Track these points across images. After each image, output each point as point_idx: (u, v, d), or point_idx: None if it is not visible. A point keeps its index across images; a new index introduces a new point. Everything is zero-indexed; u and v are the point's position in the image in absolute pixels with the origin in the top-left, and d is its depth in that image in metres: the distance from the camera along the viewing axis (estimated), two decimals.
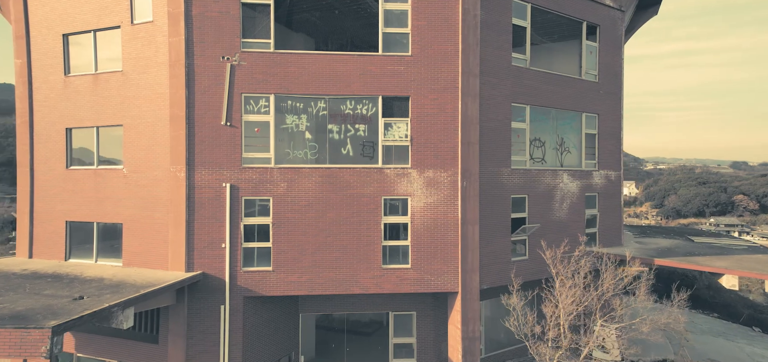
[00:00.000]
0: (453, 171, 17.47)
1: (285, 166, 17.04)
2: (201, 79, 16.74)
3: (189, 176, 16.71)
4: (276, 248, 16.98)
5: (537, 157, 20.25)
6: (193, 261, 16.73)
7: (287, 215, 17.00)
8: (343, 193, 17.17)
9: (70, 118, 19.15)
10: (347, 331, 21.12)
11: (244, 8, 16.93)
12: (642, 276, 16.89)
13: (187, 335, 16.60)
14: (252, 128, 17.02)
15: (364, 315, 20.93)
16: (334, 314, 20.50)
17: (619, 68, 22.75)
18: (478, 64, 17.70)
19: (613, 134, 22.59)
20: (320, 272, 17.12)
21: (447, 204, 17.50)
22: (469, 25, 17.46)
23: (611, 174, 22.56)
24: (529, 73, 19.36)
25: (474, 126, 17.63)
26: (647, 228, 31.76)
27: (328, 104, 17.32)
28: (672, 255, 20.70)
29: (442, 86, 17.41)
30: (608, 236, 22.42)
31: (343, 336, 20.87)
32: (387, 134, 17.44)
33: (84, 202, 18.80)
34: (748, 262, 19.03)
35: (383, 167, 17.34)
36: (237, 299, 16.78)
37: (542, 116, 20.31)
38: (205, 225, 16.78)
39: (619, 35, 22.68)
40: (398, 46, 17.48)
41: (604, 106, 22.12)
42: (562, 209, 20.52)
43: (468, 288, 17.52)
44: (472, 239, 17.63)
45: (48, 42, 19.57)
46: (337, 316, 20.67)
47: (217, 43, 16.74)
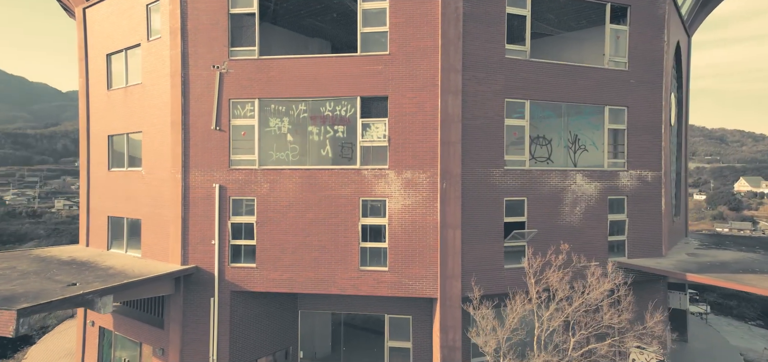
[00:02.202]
0: (432, 172, 16.90)
1: (268, 167, 17.82)
2: (195, 87, 18.17)
3: (184, 177, 18.23)
4: (260, 246, 17.83)
5: (541, 156, 18.73)
6: (187, 255, 18.22)
7: (270, 214, 17.77)
8: (321, 194, 17.49)
9: (110, 126, 21.88)
10: (362, 329, 21.38)
11: (232, 18, 18.02)
12: (620, 290, 14.85)
13: (183, 323, 18.13)
14: (239, 132, 18.06)
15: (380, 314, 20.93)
16: (342, 313, 20.88)
17: (658, 54, 20.08)
18: (460, 59, 16.90)
19: (650, 129, 20.02)
20: (300, 271, 17.63)
21: (426, 206, 16.98)
22: (450, 19, 16.75)
23: (647, 175, 20.01)
24: (528, 66, 17.99)
25: (455, 125, 16.87)
26: (729, 238, 27.47)
27: (308, 107, 17.77)
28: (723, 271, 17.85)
29: (420, 84, 16.93)
30: (643, 246, 19.93)
31: (358, 333, 21.16)
32: (365, 134, 17.41)
33: (118, 200, 21.37)
34: None
35: (361, 168, 17.34)
36: (225, 293, 17.94)
37: (549, 111, 18.72)
38: (198, 223, 18.17)
39: (659, 15, 20.03)
40: (377, 46, 17.35)
41: (636, 97, 19.71)
42: (574, 214, 18.72)
43: (448, 295, 16.83)
44: (453, 244, 16.89)
45: (97, 62, 22.53)
46: (351, 315, 20.91)
47: (208, 53, 18.04)
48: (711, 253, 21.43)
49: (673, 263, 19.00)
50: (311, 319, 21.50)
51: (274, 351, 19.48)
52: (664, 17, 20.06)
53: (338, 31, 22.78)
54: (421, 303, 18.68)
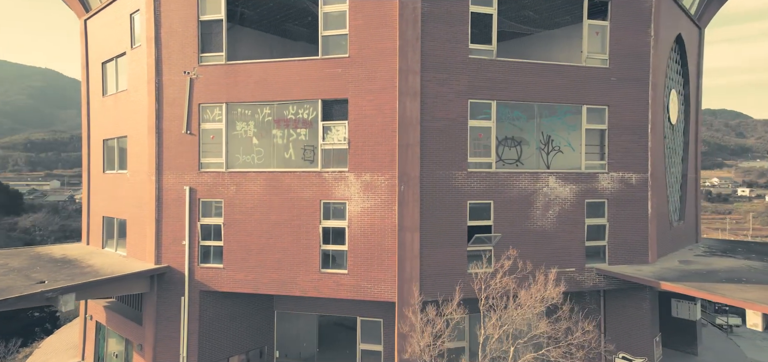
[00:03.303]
0: (391, 175, 16.99)
1: (234, 170, 18.44)
2: (168, 92, 19.03)
3: (158, 179, 19.13)
4: (226, 248, 18.48)
5: (509, 158, 18.41)
6: (161, 255, 19.11)
7: (236, 216, 18.38)
8: (284, 196, 17.93)
9: (105, 131, 23.20)
10: (352, 330, 21.71)
11: (202, 25, 18.74)
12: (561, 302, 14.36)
13: (156, 320, 19.04)
14: (208, 136, 18.77)
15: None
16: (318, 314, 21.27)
17: (644, 49, 19.29)
18: (419, 60, 16.89)
19: (634, 129, 19.26)
20: (264, 272, 18.13)
21: (384, 209, 17.08)
22: (408, 20, 16.78)
23: (630, 177, 19.25)
24: (494, 66, 17.73)
25: (414, 127, 16.88)
26: (745, 245, 25.88)
27: (273, 110, 18.24)
28: (706, 280, 17.01)
29: (379, 86, 17.05)
30: (626, 252, 19.20)
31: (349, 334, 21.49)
32: (326, 137, 17.70)
33: (110, 200, 22.65)
34: None
35: (322, 171, 17.66)
36: (194, 292, 18.69)
37: (518, 112, 18.38)
38: (171, 224, 19.02)
39: (645, 8, 19.23)
40: (339, 48, 17.61)
41: (618, 95, 19.02)
42: (546, 218, 18.29)
43: (406, 299, 16.87)
44: (411, 247, 16.91)
45: (95, 70, 23.96)
46: (340, 316, 21.14)
47: (180, 59, 18.85)
48: (708, 261, 20.34)
49: (654, 270, 18.21)
50: (297, 320, 22.02)
51: (247, 350, 20.09)
52: (650, 11, 19.24)
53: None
54: (392, 306, 18.75)
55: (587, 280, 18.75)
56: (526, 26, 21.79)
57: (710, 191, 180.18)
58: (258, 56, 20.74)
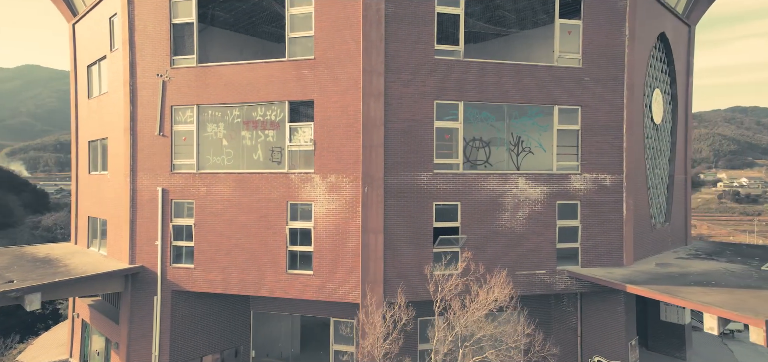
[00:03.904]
0: (355, 176, 17.11)
1: (205, 171, 18.76)
2: (142, 95, 19.44)
3: (132, 180, 19.56)
4: (197, 248, 18.80)
5: (478, 159, 18.38)
6: (135, 255, 19.53)
7: (207, 217, 18.69)
8: (252, 197, 18.18)
9: (90, 132, 23.78)
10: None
11: (175, 28, 19.10)
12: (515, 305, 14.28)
13: (130, 319, 19.46)
14: (181, 137, 19.12)
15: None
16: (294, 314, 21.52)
17: (619, 48, 19.08)
18: (383, 61, 16.98)
19: (609, 129, 19.06)
20: (233, 272, 18.41)
21: (349, 211, 17.22)
22: (371, 22, 16.89)
23: (605, 178, 19.06)
24: (461, 66, 17.73)
25: (377, 128, 16.98)
26: (735, 248, 25.34)
27: (242, 112, 18.52)
28: (676, 283, 16.77)
29: (344, 88, 17.19)
30: (600, 254, 19.03)
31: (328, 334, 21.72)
32: (293, 138, 17.90)
33: (94, 201, 23.20)
34: (753, 300, 14.46)
35: (288, 172, 17.87)
36: (167, 291, 19.05)
37: (487, 112, 18.34)
38: (145, 224, 19.42)
39: (620, 7, 19.03)
40: (305, 50, 17.79)
41: (591, 95, 18.85)
42: (515, 220, 18.22)
43: (369, 301, 16.93)
44: (375, 249, 17.01)
45: (82, 73, 24.57)
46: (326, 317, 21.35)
47: (153, 62, 19.24)
48: (687, 263, 20.01)
49: (626, 273, 18.00)
50: (279, 320, 22.33)
51: (221, 349, 20.40)
52: (625, 10, 19.01)
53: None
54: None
55: (558, 283, 18.63)
56: (503, 27, 21.71)
57: (738, 192, 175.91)
58: (232, 57, 21.08)
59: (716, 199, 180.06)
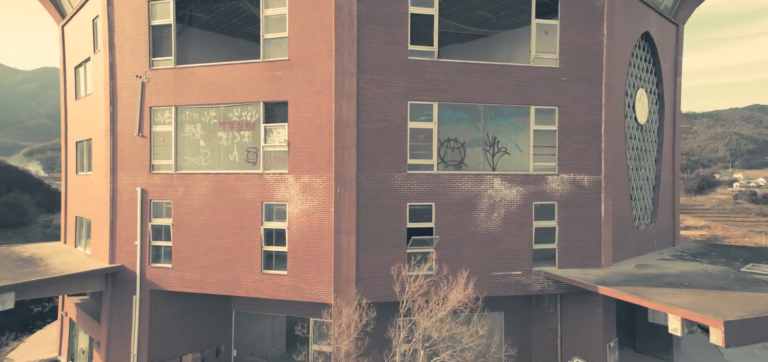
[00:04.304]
0: (328, 177, 17.26)
1: (183, 172, 19.02)
2: (122, 96, 19.76)
3: (112, 180, 19.88)
4: (175, 248, 19.07)
5: (452, 160, 18.46)
6: (115, 255, 19.84)
7: (184, 217, 18.95)
8: (229, 198, 18.41)
9: (77, 133, 24.19)
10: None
11: (154, 29, 19.39)
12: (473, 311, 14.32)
13: (110, 318, 19.78)
14: (159, 138, 19.42)
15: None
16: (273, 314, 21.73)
17: (597, 48, 19.06)
18: (355, 62, 17.12)
19: (587, 130, 19.04)
20: (210, 272, 18.65)
21: (322, 211, 17.38)
22: (344, 22, 17.04)
23: (582, 179, 19.04)
24: (435, 67, 17.82)
25: (350, 129, 17.13)
26: (722, 249, 25.13)
27: (219, 113, 18.76)
28: (649, 285, 16.75)
29: (317, 88, 17.36)
30: (577, 255, 19.02)
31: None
32: (268, 139, 18.11)
33: (81, 201, 23.60)
34: (719, 301, 14.40)
35: (263, 173, 18.08)
36: (145, 291, 19.34)
37: (462, 113, 18.42)
38: (125, 224, 19.74)
39: (598, 7, 19.01)
40: (280, 51, 17.99)
41: (569, 96, 18.85)
42: (491, 220, 18.27)
43: (343, 301, 17.07)
44: (347, 249, 17.16)
45: (70, 75, 24.99)
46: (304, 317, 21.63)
47: (132, 64, 19.54)
48: (667, 265, 19.92)
49: (602, 274, 17.98)
50: (264, 320, 22.56)
51: (202, 348, 20.66)
52: (603, 9, 18.99)
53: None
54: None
55: (535, 284, 18.65)
56: (484, 28, 21.76)
57: (755, 192, 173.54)
58: (209, 58, 21.33)
59: (732, 199, 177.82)
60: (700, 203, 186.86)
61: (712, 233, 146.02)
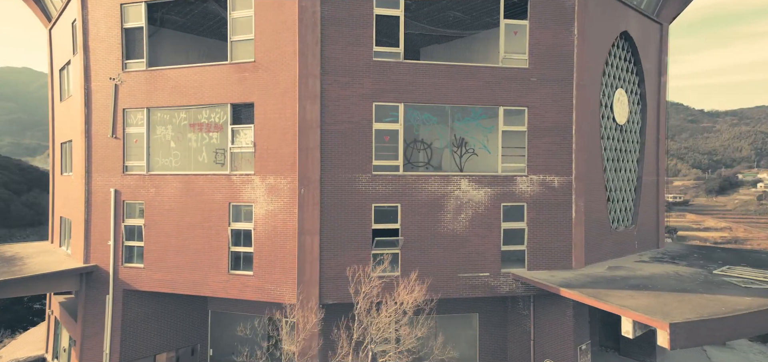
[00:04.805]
0: (292, 178, 17.54)
1: (154, 173, 19.46)
2: (96, 98, 20.28)
3: (87, 181, 20.41)
4: (147, 248, 19.52)
5: (419, 161, 18.63)
6: (89, 255, 20.38)
7: (155, 217, 19.40)
8: (197, 199, 18.80)
9: (61, 134, 24.85)
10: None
11: (126, 32, 19.87)
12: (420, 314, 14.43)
13: (84, 318, 20.31)
14: (132, 140, 19.90)
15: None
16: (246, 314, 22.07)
17: (567, 49, 19.09)
18: (319, 64, 17.38)
19: (557, 131, 19.07)
20: (180, 272, 19.07)
21: (286, 212, 17.67)
22: (307, 24, 17.32)
23: (553, 180, 19.08)
24: (401, 68, 18.01)
25: (314, 130, 17.40)
26: (702, 251, 24.90)
27: (189, 114, 19.17)
28: (615, 287, 16.77)
29: (282, 90, 17.66)
30: (547, 257, 19.05)
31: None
32: (235, 140, 18.47)
33: (64, 201, 24.23)
34: (675, 304, 14.37)
35: (231, 174, 18.43)
36: (118, 291, 19.82)
37: (428, 114, 18.58)
38: (99, 224, 20.25)
39: (568, 7, 19.04)
40: (246, 53, 18.33)
41: (538, 96, 18.90)
42: (458, 222, 18.41)
43: (305, 302, 17.36)
44: (311, 250, 17.43)
45: (55, 77, 25.69)
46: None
47: (106, 66, 20.05)
48: (639, 267, 19.83)
49: (570, 276, 17.99)
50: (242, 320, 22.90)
51: (177, 348, 21.10)
52: (573, 9, 19.01)
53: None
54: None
55: (503, 285, 18.75)
56: (459, 29, 21.87)
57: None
58: (179, 59, 21.74)
59: (756, 200, 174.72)
60: (721, 204, 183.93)
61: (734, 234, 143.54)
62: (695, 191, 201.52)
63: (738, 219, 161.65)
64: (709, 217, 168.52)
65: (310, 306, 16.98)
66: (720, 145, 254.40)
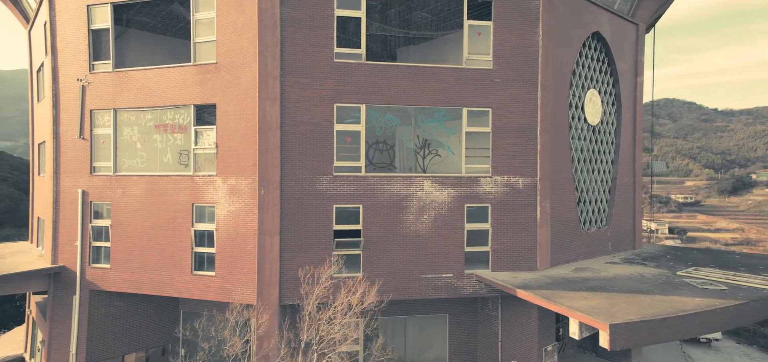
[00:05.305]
0: (253, 179, 17.84)
1: (121, 174, 19.85)
2: (64, 99, 20.72)
3: (55, 182, 20.85)
4: (113, 249, 19.92)
5: (381, 162, 18.88)
6: (57, 255, 20.82)
7: (121, 218, 19.79)
8: (162, 199, 19.17)
9: (38, 135, 25.36)
10: None
11: (93, 34, 20.28)
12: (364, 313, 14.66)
13: (52, 318, 20.74)
14: (99, 141, 20.31)
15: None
16: None
17: (532, 50, 19.27)
18: (279, 65, 17.69)
19: (522, 132, 19.26)
20: (145, 273, 19.44)
21: (247, 213, 17.99)
22: (266, 26, 17.63)
23: (517, 181, 19.27)
24: (362, 69, 18.28)
25: (274, 131, 17.70)
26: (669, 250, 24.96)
27: (154, 115, 19.54)
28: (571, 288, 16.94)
29: (243, 91, 17.99)
30: (512, 258, 19.25)
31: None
32: (198, 142, 18.82)
33: (40, 201, 24.74)
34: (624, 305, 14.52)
35: (194, 175, 18.78)
36: (85, 291, 20.23)
37: (391, 115, 18.84)
38: (67, 225, 20.68)
39: (533, 8, 19.22)
40: (209, 55, 18.67)
41: (502, 97, 19.09)
42: (420, 223, 18.64)
43: (265, 303, 17.68)
44: (271, 251, 17.73)
45: (34, 78, 26.21)
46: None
47: (74, 67, 20.46)
48: (606, 268, 19.94)
49: (531, 278, 18.17)
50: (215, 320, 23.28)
51: (146, 348, 21.50)
52: (538, 10, 19.19)
53: None
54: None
55: (466, 286, 18.96)
56: (430, 30, 22.09)
57: None
58: (145, 60, 22.15)
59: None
60: (734, 205, 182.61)
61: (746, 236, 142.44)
62: (707, 192, 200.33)
63: (751, 220, 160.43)
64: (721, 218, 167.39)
65: (270, 306, 17.35)
66: (734, 144, 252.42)
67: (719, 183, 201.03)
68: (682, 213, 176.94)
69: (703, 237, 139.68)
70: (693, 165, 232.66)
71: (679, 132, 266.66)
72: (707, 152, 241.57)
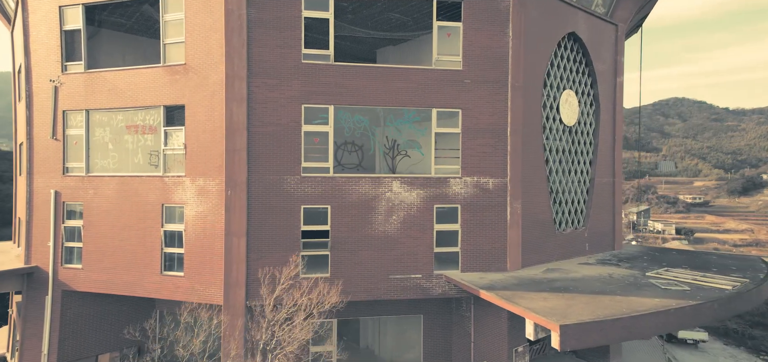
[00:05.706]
0: (220, 180, 18.13)
1: (93, 174, 20.19)
2: (38, 99, 21.08)
3: (29, 182, 21.22)
4: (85, 249, 20.26)
5: (350, 163, 19.11)
6: (30, 256, 21.18)
7: (93, 218, 20.12)
8: (132, 200, 19.49)
9: (19, 135, 25.78)
10: None
11: (66, 34, 20.63)
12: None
13: (25, 318, 21.12)
14: (72, 141, 20.66)
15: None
16: None
17: (502, 51, 19.45)
18: (245, 66, 17.95)
19: (491, 133, 19.44)
20: (117, 273, 19.77)
21: (215, 214, 18.28)
22: (233, 27, 17.90)
23: (487, 182, 19.45)
24: (330, 70, 18.51)
25: (241, 132, 17.97)
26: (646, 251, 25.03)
27: (126, 116, 19.87)
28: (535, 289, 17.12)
29: (211, 92, 18.27)
30: (482, 259, 19.43)
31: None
32: (168, 142, 19.13)
33: (19, 202, 25.16)
34: (581, 306, 14.68)
35: (164, 176, 19.08)
36: (57, 291, 20.57)
37: (360, 116, 19.07)
38: (40, 225, 21.03)
39: (502, 9, 19.40)
40: (178, 56, 18.97)
41: (472, 98, 19.27)
42: (389, 223, 18.86)
43: (231, 303, 17.97)
44: (238, 252, 18.00)
45: (16, 79, 26.63)
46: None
47: (46, 68, 20.82)
48: (577, 269, 20.05)
49: (497, 278, 18.33)
50: None
51: (121, 348, 21.83)
52: (508, 11, 19.37)
53: None
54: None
55: (435, 287, 19.16)
56: (405, 31, 22.29)
57: None
58: (116, 61, 22.47)
59: None
60: (743, 205, 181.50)
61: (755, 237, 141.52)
62: (716, 192, 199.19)
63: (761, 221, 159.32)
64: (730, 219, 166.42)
65: (236, 307, 17.63)
66: (745, 144, 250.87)
67: (729, 183, 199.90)
68: (690, 214, 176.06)
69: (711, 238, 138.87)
70: (702, 165, 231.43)
71: (688, 132, 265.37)
72: (717, 151, 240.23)
